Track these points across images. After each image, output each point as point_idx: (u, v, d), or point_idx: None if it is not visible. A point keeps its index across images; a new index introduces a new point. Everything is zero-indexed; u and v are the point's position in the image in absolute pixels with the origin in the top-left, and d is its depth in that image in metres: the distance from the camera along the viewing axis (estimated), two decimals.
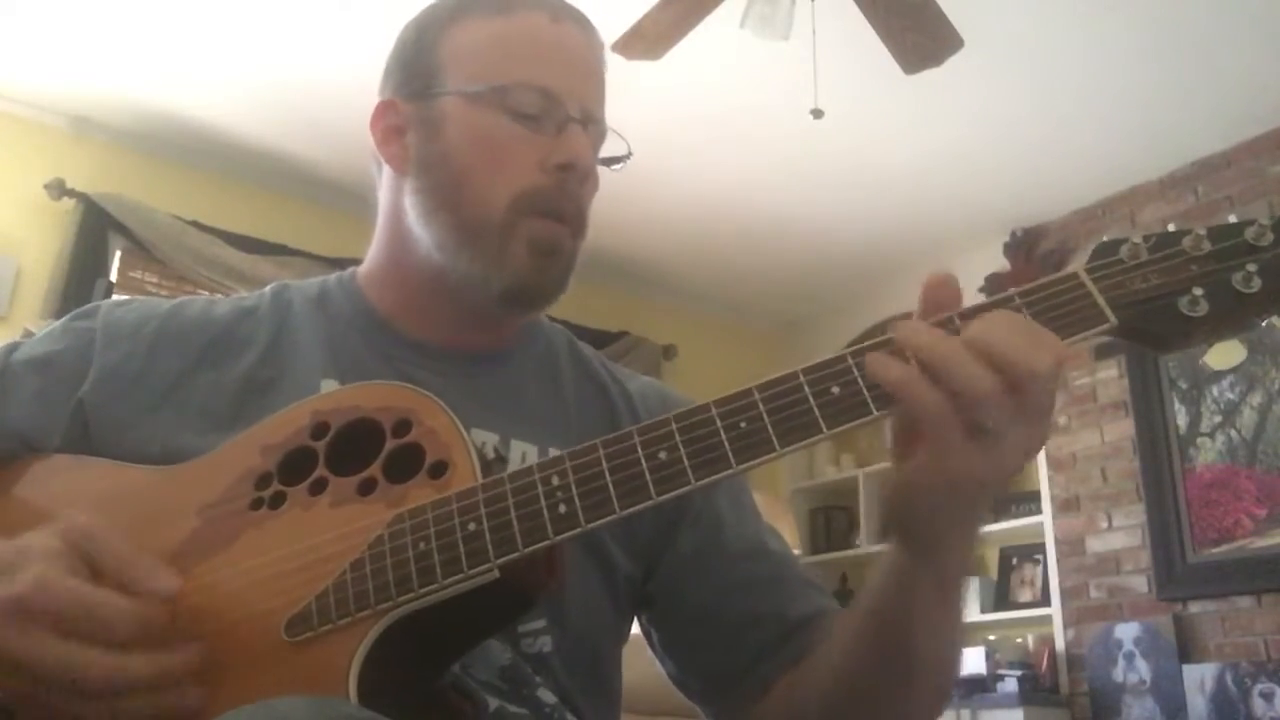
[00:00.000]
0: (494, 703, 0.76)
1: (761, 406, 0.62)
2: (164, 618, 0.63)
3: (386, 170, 0.91)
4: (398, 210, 0.89)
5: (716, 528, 0.89)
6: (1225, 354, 3.52)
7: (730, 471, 0.62)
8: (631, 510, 0.62)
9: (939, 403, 0.57)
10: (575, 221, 0.87)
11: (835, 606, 0.89)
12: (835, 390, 0.61)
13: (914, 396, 0.57)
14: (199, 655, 0.64)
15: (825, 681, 0.77)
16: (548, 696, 0.80)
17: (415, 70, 0.89)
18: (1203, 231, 0.62)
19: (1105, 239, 0.64)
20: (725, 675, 0.86)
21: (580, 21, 0.91)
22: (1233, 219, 0.63)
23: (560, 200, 0.85)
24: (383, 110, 0.91)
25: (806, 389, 0.62)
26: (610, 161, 0.92)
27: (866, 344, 0.62)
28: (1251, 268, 0.61)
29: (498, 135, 0.84)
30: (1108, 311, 0.62)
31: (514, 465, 0.68)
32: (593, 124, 0.88)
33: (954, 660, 0.73)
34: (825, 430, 0.61)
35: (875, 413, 0.60)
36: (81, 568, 0.63)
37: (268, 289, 0.95)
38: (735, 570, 0.88)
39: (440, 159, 0.86)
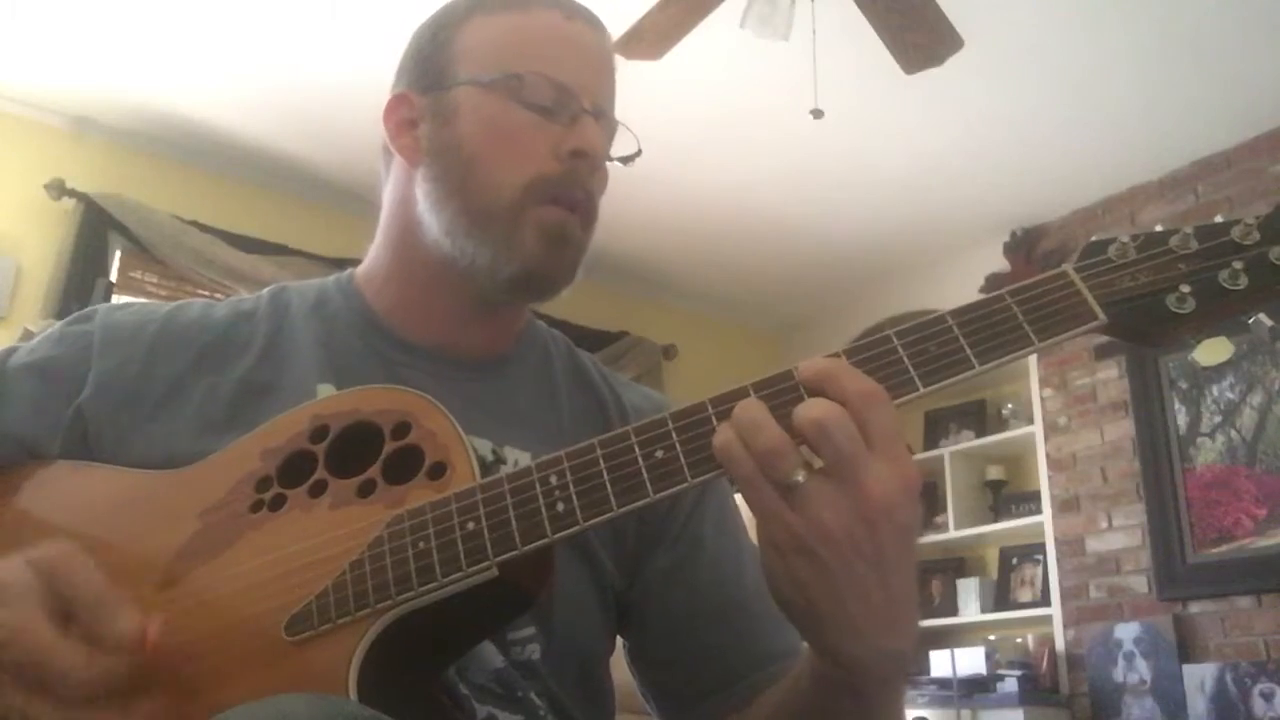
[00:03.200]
0: (484, 710, 0.76)
1: None
2: (125, 668, 0.62)
3: (397, 163, 0.92)
4: (407, 201, 0.89)
5: (695, 551, 0.89)
6: (1213, 350, 3.52)
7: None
8: (629, 508, 0.63)
9: (745, 460, 0.59)
10: (585, 210, 0.87)
11: (800, 648, 0.89)
12: None
13: (727, 456, 0.60)
14: (161, 709, 0.64)
15: None
16: (543, 701, 0.80)
17: (430, 64, 0.90)
18: (1190, 230, 0.64)
19: (1094, 238, 0.65)
20: (678, 699, 0.86)
21: (592, 22, 0.92)
22: (1220, 219, 0.64)
23: (571, 187, 0.85)
24: (396, 103, 0.91)
25: (803, 387, 0.62)
26: (623, 159, 0.93)
27: (863, 340, 0.63)
28: (1238, 265, 0.62)
29: (510, 123, 0.85)
30: (1097, 309, 0.62)
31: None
32: (604, 118, 0.89)
33: None
34: None
35: None
36: (54, 606, 0.62)
37: (265, 291, 0.95)
38: (705, 598, 0.87)
39: (452, 146, 0.86)
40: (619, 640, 0.93)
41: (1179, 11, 3.03)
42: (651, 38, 2.73)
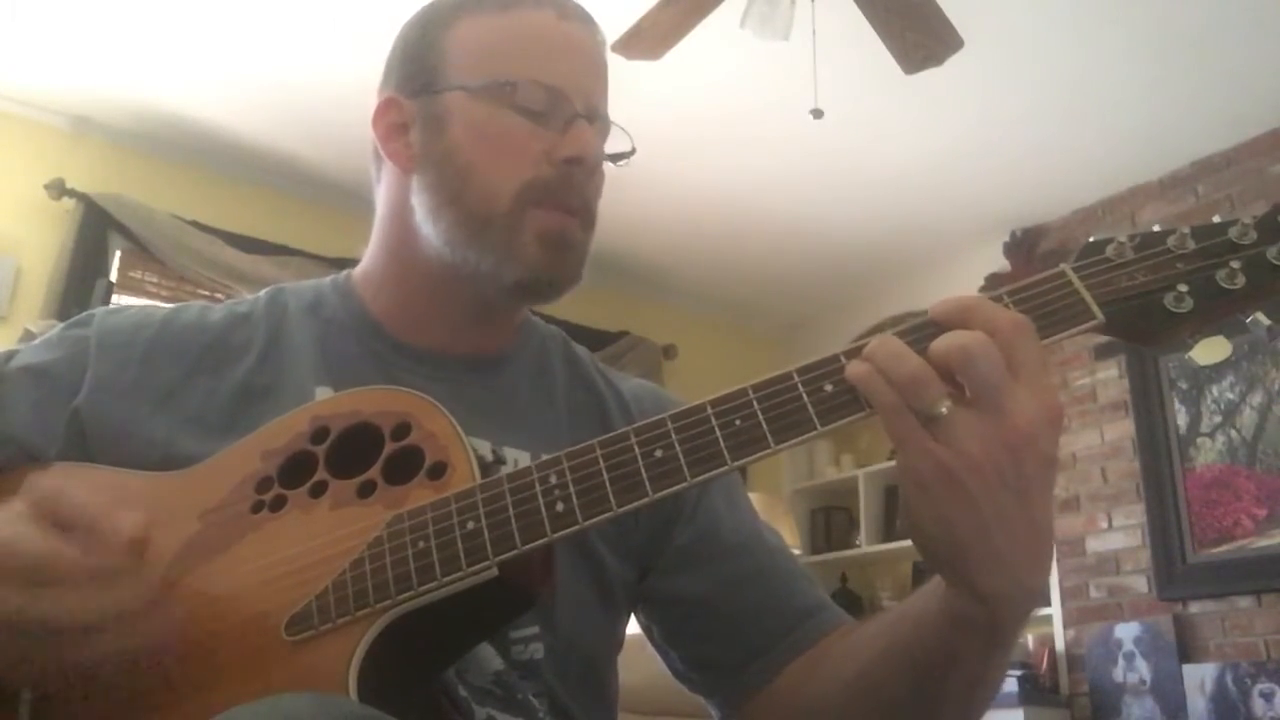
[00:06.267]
0: (483, 712, 0.76)
1: (756, 405, 0.63)
2: (127, 557, 0.64)
3: (388, 169, 0.91)
4: (402, 208, 0.89)
5: (713, 523, 0.90)
6: (1211, 350, 3.52)
7: (725, 468, 0.62)
8: (629, 508, 0.63)
9: (885, 389, 0.59)
10: (583, 214, 0.87)
11: (831, 602, 0.89)
12: (828, 388, 0.62)
13: (868, 388, 0.60)
14: (161, 579, 0.66)
15: (836, 695, 0.77)
16: (542, 702, 0.80)
17: (419, 67, 0.89)
18: (1187, 230, 0.64)
19: (1092, 238, 0.66)
20: (727, 666, 0.86)
21: (585, 19, 0.91)
22: (1217, 219, 0.64)
23: (566, 192, 0.85)
24: (385, 107, 0.90)
25: (800, 387, 0.62)
26: (616, 158, 0.92)
27: (859, 343, 0.63)
28: (1235, 265, 0.62)
29: (503, 129, 0.84)
30: (1095, 309, 0.63)
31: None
32: (599, 120, 0.89)
33: (984, 707, 0.71)
34: (819, 427, 0.62)
35: (866, 409, 0.61)
36: (47, 525, 0.63)
37: (263, 293, 0.94)
38: (734, 563, 0.88)
39: (445, 155, 0.86)
40: (638, 635, 0.93)
41: (1178, 11, 3.03)
42: (651, 38, 2.73)
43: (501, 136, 0.85)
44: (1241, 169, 3.68)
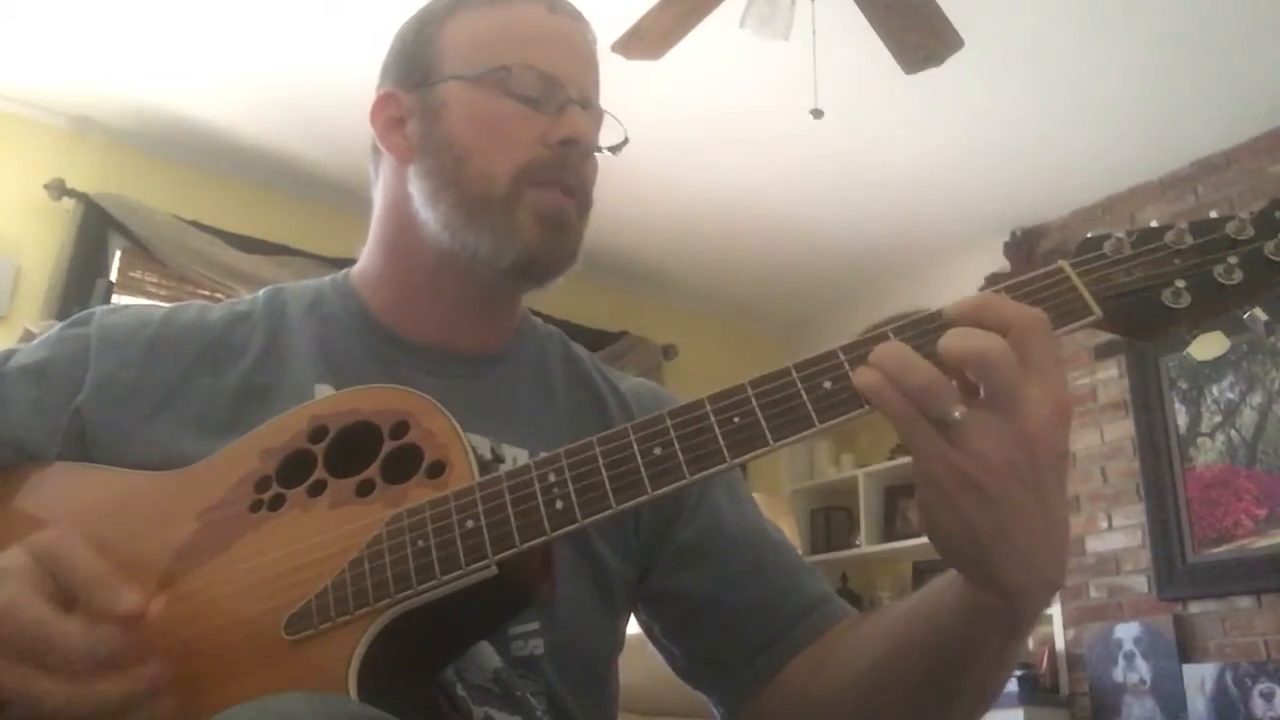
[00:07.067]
0: (481, 711, 0.76)
1: (754, 401, 0.63)
2: (127, 639, 0.62)
3: (387, 161, 0.92)
4: (400, 199, 0.90)
5: (716, 519, 0.90)
6: (1208, 345, 3.52)
7: (724, 466, 0.62)
8: (627, 505, 0.63)
9: (898, 399, 0.59)
10: (580, 196, 0.88)
11: (835, 594, 0.89)
12: (827, 385, 0.62)
13: (881, 399, 0.59)
14: (166, 671, 0.63)
15: (848, 691, 0.77)
16: (540, 700, 0.80)
17: (415, 62, 0.91)
18: (1185, 226, 0.64)
19: (1090, 234, 0.66)
20: (732, 661, 0.86)
21: (575, 16, 0.93)
22: (1214, 214, 0.64)
23: (563, 173, 0.86)
24: (383, 102, 0.92)
25: (799, 384, 0.62)
26: (611, 148, 0.94)
27: (857, 339, 0.63)
28: (1233, 260, 0.62)
29: (498, 113, 0.86)
30: (1092, 304, 0.63)
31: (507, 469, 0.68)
32: (591, 108, 0.90)
33: (998, 693, 0.72)
34: (817, 423, 0.62)
35: (865, 406, 0.61)
36: (50, 586, 0.62)
37: (261, 293, 0.95)
38: (738, 558, 0.88)
39: (443, 142, 0.87)
40: (638, 634, 0.93)
41: (1178, 12, 3.03)
42: (651, 38, 2.73)
43: (497, 121, 0.86)
44: (1241, 169, 3.68)
